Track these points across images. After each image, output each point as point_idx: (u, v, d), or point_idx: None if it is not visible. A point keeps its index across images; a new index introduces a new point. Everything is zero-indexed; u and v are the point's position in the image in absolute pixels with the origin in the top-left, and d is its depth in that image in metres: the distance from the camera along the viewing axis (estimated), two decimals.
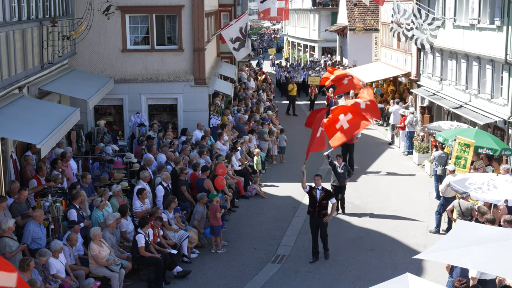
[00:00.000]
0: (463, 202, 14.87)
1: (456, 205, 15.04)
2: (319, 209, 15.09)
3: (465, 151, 17.61)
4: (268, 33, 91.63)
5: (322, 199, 15.07)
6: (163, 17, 23.09)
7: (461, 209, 14.83)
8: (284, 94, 41.89)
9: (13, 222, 12.18)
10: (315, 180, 15.16)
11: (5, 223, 12.02)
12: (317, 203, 15.06)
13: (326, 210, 15.20)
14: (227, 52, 30.35)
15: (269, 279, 14.24)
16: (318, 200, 15.05)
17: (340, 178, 18.40)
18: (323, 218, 15.08)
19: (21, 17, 16.06)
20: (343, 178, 18.47)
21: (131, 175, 18.11)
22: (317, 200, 15.05)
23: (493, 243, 8.81)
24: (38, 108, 15.86)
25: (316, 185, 15.15)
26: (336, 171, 18.40)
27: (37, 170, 15.55)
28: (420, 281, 8.08)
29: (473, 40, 21.78)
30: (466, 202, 14.86)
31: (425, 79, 27.67)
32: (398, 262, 15.09)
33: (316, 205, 15.08)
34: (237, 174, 20.41)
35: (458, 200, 15.13)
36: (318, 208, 15.08)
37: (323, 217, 15.11)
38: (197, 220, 16.13)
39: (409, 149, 25.67)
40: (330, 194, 15.36)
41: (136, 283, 13.86)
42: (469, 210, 14.73)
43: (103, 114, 23.47)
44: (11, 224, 12.05)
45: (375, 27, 41.10)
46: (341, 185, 18.53)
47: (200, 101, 23.34)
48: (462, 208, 14.82)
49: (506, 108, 19.58)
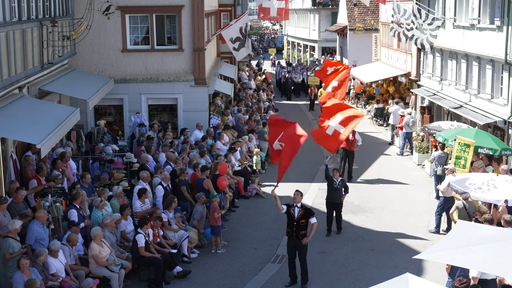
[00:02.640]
0: (469, 203, 14.81)
1: (460, 206, 14.99)
2: (297, 229, 13.56)
3: (465, 151, 17.61)
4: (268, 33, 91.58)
5: (300, 217, 13.55)
6: (163, 17, 23.10)
7: (466, 209, 14.78)
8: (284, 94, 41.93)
9: (20, 224, 12.19)
10: (294, 196, 13.77)
11: (12, 225, 12.03)
12: (295, 222, 13.58)
13: (305, 231, 13.65)
14: (227, 52, 30.36)
15: (269, 279, 14.24)
16: (296, 218, 13.56)
17: (336, 194, 16.81)
18: (301, 240, 13.60)
19: (21, 17, 16.06)
20: (339, 195, 16.86)
21: (131, 175, 18.11)
22: (295, 219, 13.60)
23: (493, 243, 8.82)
24: (38, 108, 15.86)
25: (294, 202, 13.72)
26: (332, 186, 16.84)
27: (37, 170, 15.55)
28: (420, 281, 8.08)
29: (473, 40, 21.78)
30: (473, 203, 14.83)
31: (425, 79, 27.67)
32: (398, 262, 15.09)
33: (294, 225, 13.59)
34: (237, 174, 20.41)
35: (461, 201, 15.09)
36: (295, 228, 13.56)
37: (302, 238, 13.61)
38: (196, 220, 16.14)
39: (402, 149, 25.65)
40: (309, 212, 13.75)
41: (136, 283, 13.86)
42: (474, 209, 14.74)
43: (103, 114, 23.47)
44: (17, 226, 12.07)
45: (375, 27, 41.09)
46: (337, 202, 16.91)
47: (200, 101, 23.34)
48: (467, 208, 14.77)
49: (506, 108, 19.58)
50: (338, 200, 16.88)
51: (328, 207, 16.98)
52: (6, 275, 11.97)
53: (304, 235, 13.63)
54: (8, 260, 11.92)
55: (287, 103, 39.29)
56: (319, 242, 16.32)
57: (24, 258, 11.38)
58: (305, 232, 13.64)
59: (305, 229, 13.65)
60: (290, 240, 13.80)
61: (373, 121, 32.17)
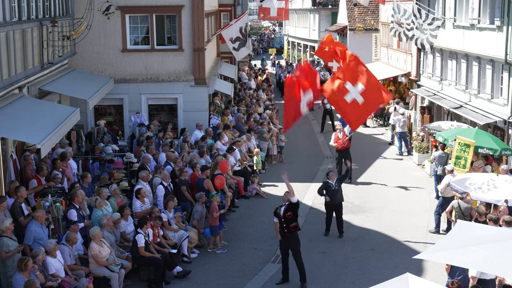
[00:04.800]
0: (462, 203, 14.87)
1: (455, 205, 15.04)
2: (286, 224, 13.41)
3: (465, 151, 17.62)
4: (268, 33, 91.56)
5: (285, 211, 13.45)
6: (163, 17, 23.10)
7: (461, 209, 14.84)
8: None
9: (10, 221, 12.14)
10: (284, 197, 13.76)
11: (2, 223, 12.01)
12: (282, 218, 13.46)
13: (296, 223, 13.51)
14: (227, 52, 30.36)
15: (269, 279, 14.25)
16: (282, 214, 13.47)
17: (336, 196, 16.43)
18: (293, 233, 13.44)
19: (21, 17, 16.06)
20: (339, 195, 16.54)
21: (131, 175, 18.12)
22: (281, 215, 13.48)
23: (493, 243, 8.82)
24: (38, 108, 15.86)
25: (283, 201, 13.73)
26: (330, 189, 16.41)
27: (37, 170, 15.55)
28: (420, 281, 8.09)
29: (473, 40, 21.79)
30: (465, 203, 14.86)
31: (425, 79, 27.67)
32: (398, 262, 15.09)
33: (282, 221, 13.46)
34: (237, 174, 20.41)
35: (457, 201, 15.14)
36: (285, 224, 13.42)
37: (294, 232, 13.46)
38: (196, 220, 16.14)
39: (401, 149, 25.63)
40: (292, 204, 13.49)
41: (136, 283, 13.86)
42: (468, 210, 14.74)
43: (103, 114, 23.47)
44: (8, 224, 12.02)
45: (375, 27, 41.09)
46: (336, 203, 16.54)
47: (200, 101, 23.34)
48: (461, 208, 14.83)
49: (506, 108, 19.58)
50: (338, 200, 16.64)
51: (328, 209, 16.82)
52: (6, 274, 11.96)
53: (295, 227, 13.51)
54: (5, 260, 11.90)
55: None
56: (319, 242, 16.34)
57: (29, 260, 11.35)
58: (295, 224, 13.51)
59: (295, 221, 13.51)
60: (283, 239, 13.66)
61: (373, 121, 32.17)
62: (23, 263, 11.21)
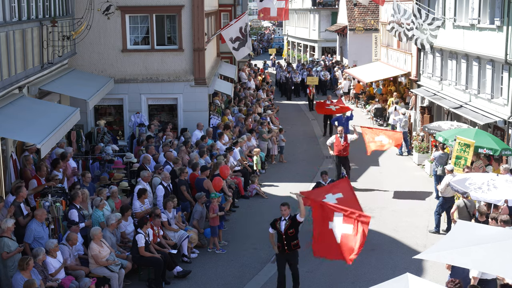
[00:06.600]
0: (467, 201, 14.84)
1: (461, 205, 15.00)
2: (288, 241, 12.84)
3: (465, 151, 17.62)
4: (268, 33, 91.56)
5: (287, 228, 12.81)
6: (163, 17, 23.10)
7: (467, 208, 14.83)
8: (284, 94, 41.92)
9: (12, 222, 12.17)
10: (281, 210, 12.99)
11: (4, 223, 12.01)
12: (283, 235, 12.84)
13: (297, 240, 12.95)
14: (227, 52, 30.35)
15: (269, 279, 14.23)
16: (283, 231, 12.83)
17: None
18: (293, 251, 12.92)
19: (21, 17, 16.06)
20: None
21: (131, 175, 18.11)
22: (282, 232, 12.86)
23: (493, 243, 8.82)
24: (38, 108, 15.86)
25: (282, 216, 12.96)
26: None
27: (37, 170, 15.55)
28: (420, 281, 8.09)
29: (473, 40, 21.79)
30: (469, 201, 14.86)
31: (425, 79, 27.67)
32: (398, 262, 15.09)
33: (283, 238, 12.86)
34: (237, 174, 20.39)
35: (462, 200, 15.10)
36: (286, 241, 12.83)
37: (294, 249, 12.95)
38: (196, 220, 16.14)
39: (401, 149, 25.62)
40: (296, 221, 12.88)
41: (136, 283, 13.86)
42: (473, 208, 14.79)
43: (103, 114, 23.47)
44: (10, 224, 12.04)
45: (375, 27, 41.12)
46: None
47: (200, 101, 23.34)
48: (468, 207, 14.83)
49: (506, 108, 19.58)
50: None
51: None
52: (6, 274, 11.97)
53: (297, 245, 12.99)
54: (6, 260, 11.91)
55: (287, 103, 39.30)
56: None
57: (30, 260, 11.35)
58: (297, 241, 12.96)
59: (296, 239, 12.94)
60: (282, 254, 13.02)
61: (373, 121, 32.15)
62: (25, 262, 11.22)
